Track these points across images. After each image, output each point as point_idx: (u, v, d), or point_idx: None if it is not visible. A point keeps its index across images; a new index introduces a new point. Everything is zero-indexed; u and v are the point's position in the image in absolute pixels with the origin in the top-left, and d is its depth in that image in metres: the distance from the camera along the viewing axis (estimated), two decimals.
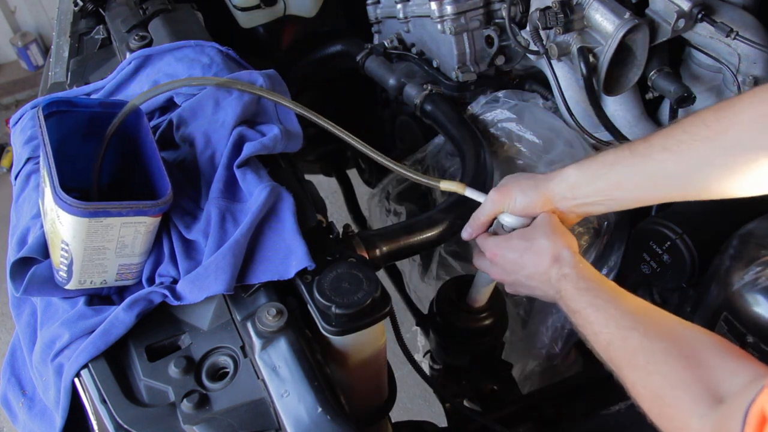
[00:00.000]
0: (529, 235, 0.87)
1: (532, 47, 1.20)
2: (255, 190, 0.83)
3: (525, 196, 0.87)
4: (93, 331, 0.76)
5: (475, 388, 1.25)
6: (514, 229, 0.91)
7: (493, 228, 0.95)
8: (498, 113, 1.30)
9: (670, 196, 0.80)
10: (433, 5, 1.29)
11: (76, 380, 0.76)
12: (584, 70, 1.13)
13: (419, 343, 1.61)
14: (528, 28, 1.20)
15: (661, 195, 0.81)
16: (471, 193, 0.94)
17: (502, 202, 0.89)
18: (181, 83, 0.94)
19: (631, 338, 0.70)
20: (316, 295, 0.74)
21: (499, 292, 1.17)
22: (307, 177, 1.05)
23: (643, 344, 0.69)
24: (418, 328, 1.58)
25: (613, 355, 0.72)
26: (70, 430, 0.79)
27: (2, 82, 3.86)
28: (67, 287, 0.80)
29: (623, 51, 1.12)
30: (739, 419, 0.51)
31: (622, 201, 0.83)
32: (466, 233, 0.95)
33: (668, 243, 1.09)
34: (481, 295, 1.12)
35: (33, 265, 0.82)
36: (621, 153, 0.80)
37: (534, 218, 0.88)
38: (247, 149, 0.88)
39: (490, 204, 0.90)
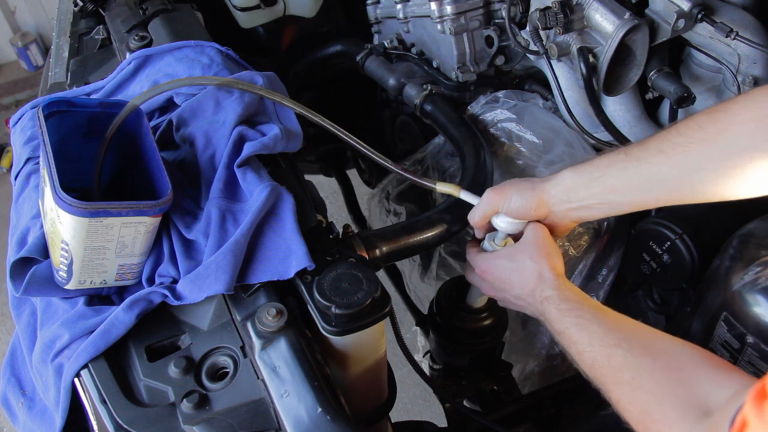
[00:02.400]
0: (515, 255, 0.88)
1: (532, 47, 1.20)
2: (255, 190, 0.83)
3: (520, 198, 0.87)
4: (93, 331, 0.76)
5: (475, 388, 1.25)
6: (508, 234, 0.91)
7: (484, 244, 0.95)
8: (498, 113, 1.30)
9: (665, 199, 0.80)
10: (433, 5, 1.29)
11: (76, 380, 0.76)
12: (584, 70, 1.13)
13: (419, 343, 1.61)
14: (528, 28, 1.20)
15: (656, 198, 0.80)
16: (466, 196, 0.94)
17: (497, 201, 0.88)
18: (182, 83, 0.94)
19: (615, 355, 0.70)
20: (316, 295, 0.74)
21: None
22: (307, 177, 1.05)
23: (628, 360, 0.69)
24: (418, 328, 1.58)
25: (599, 373, 0.72)
26: (70, 430, 0.79)
27: (2, 82, 3.87)
28: (67, 287, 0.80)
29: (623, 51, 1.12)
30: (725, 431, 0.51)
31: (617, 205, 0.82)
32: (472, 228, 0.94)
33: (668, 243, 1.09)
34: (479, 302, 1.12)
35: (33, 265, 0.82)
36: (616, 156, 0.80)
37: (527, 223, 0.88)
38: (248, 149, 0.88)
39: (485, 202, 0.90)
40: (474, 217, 0.92)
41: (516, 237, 0.91)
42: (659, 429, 0.63)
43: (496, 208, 0.89)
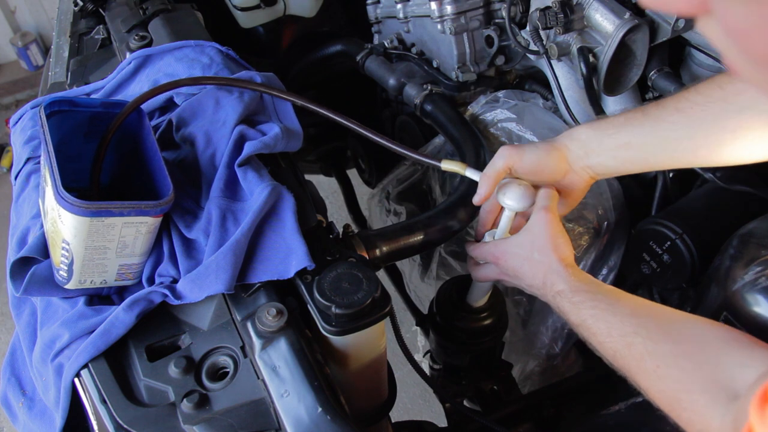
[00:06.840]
0: (524, 244, 0.86)
1: (532, 47, 1.20)
2: (256, 190, 0.83)
3: (538, 150, 0.85)
4: (93, 331, 0.76)
5: (475, 388, 1.25)
6: (514, 213, 0.90)
7: (485, 239, 0.95)
8: (498, 113, 1.30)
9: (680, 159, 0.79)
10: (433, 5, 1.29)
11: (76, 380, 0.76)
12: (584, 70, 1.13)
13: (419, 343, 1.61)
14: (528, 28, 1.20)
15: (670, 158, 0.80)
16: (471, 173, 0.92)
17: (512, 155, 0.86)
18: (181, 83, 0.94)
19: (635, 344, 0.69)
20: (316, 295, 0.74)
21: (499, 291, 1.17)
22: (307, 177, 1.05)
23: (648, 348, 0.68)
24: (418, 328, 1.58)
25: (622, 363, 0.71)
26: (70, 430, 0.79)
27: (2, 82, 3.87)
28: (67, 287, 0.80)
29: (623, 51, 1.12)
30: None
31: (629, 163, 0.82)
32: (477, 197, 0.90)
33: (668, 243, 1.09)
34: (479, 302, 1.12)
35: (33, 264, 0.82)
36: (633, 115, 0.80)
37: (534, 204, 0.87)
38: (248, 148, 0.88)
39: (499, 156, 0.87)
40: (488, 174, 0.88)
41: (518, 227, 0.91)
42: (690, 417, 0.63)
43: (510, 163, 0.86)
